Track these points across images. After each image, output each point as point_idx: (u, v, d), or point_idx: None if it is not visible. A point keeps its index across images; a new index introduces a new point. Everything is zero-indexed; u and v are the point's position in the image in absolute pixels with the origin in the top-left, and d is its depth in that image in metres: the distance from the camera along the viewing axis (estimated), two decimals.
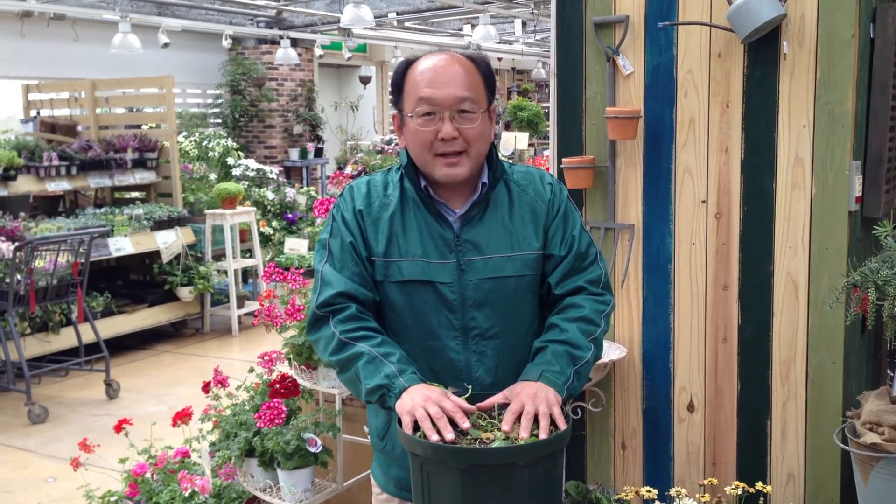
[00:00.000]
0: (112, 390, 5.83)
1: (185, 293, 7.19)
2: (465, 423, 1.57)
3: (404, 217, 1.82)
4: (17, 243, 5.53)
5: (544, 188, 1.89)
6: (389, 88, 1.96)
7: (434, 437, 1.54)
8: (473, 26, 10.88)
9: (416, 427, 1.57)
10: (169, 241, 7.02)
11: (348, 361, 1.73)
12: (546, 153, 8.95)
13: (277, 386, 2.88)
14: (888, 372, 2.81)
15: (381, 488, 1.96)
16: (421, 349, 1.81)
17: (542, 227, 1.85)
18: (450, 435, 1.54)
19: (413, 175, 1.83)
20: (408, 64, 1.83)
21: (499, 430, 1.59)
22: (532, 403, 1.62)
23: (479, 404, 1.67)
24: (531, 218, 1.85)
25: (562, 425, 1.61)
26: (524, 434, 1.57)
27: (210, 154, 8.90)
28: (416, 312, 1.81)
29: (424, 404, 1.58)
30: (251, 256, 7.85)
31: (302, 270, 2.96)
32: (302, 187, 10.40)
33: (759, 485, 1.99)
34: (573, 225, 1.88)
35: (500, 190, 1.86)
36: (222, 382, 3.02)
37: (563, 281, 1.85)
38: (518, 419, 1.60)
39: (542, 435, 1.57)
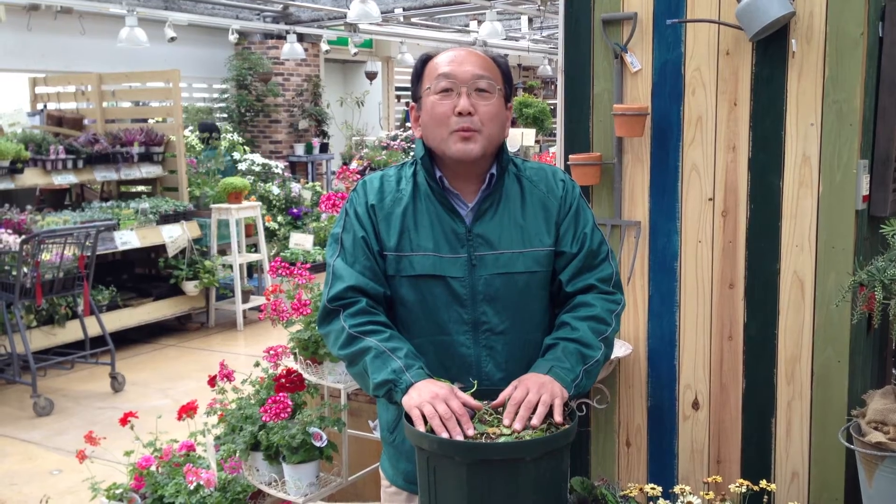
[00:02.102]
0: (117, 383, 5.85)
1: (191, 287, 7.20)
2: (469, 430, 1.56)
3: (416, 211, 1.83)
4: (23, 236, 5.55)
5: (556, 184, 1.89)
6: (396, 85, 1.97)
7: (444, 436, 1.54)
8: (480, 22, 10.88)
9: (424, 421, 1.58)
10: (175, 236, 7.03)
11: (357, 356, 1.74)
12: (552, 150, 8.94)
13: (283, 380, 2.88)
14: (893, 371, 2.80)
15: (390, 481, 1.97)
16: (431, 344, 1.81)
17: (553, 224, 1.85)
18: (459, 437, 1.54)
19: (429, 165, 1.83)
20: (428, 56, 1.88)
21: (506, 425, 1.59)
22: (536, 392, 1.62)
23: (491, 403, 1.66)
24: (543, 214, 1.85)
25: (558, 419, 1.60)
26: (517, 425, 1.57)
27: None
28: (427, 307, 1.81)
29: (432, 401, 1.58)
30: (256, 251, 7.86)
31: (308, 265, 2.96)
32: (307, 182, 10.42)
33: (763, 483, 1.99)
34: (585, 222, 1.87)
35: (511, 185, 1.86)
36: (228, 376, 3.02)
37: (575, 278, 1.85)
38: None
39: (536, 421, 1.58)
